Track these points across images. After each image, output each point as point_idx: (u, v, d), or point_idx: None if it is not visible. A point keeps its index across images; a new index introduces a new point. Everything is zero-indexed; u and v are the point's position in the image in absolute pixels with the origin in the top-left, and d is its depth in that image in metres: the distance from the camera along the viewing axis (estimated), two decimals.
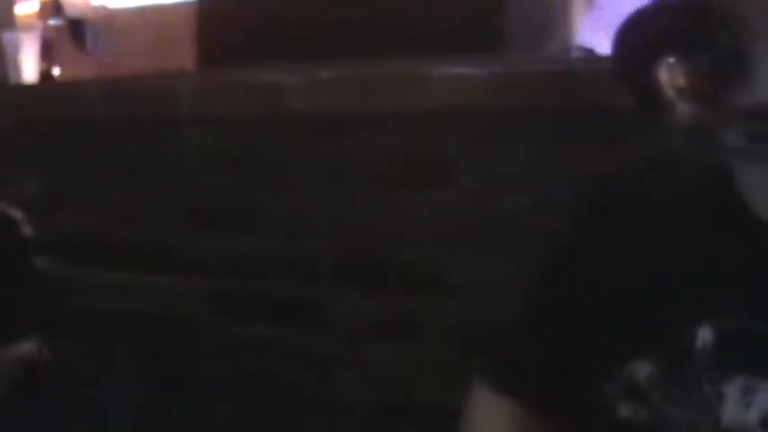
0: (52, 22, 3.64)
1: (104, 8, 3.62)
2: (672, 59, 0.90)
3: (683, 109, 0.89)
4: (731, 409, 0.93)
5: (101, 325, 2.83)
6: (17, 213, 2.32)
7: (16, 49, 3.36)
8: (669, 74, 0.90)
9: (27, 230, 2.32)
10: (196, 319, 2.77)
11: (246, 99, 2.70)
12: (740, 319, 0.94)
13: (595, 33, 2.58)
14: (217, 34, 2.91)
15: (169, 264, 2.82)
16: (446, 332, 2.43)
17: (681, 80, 0.90)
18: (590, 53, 2.32)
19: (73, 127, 2.94)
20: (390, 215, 2.51)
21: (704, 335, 0.95)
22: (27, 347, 2.25)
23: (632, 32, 0.92)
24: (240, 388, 2.71)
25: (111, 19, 3.50)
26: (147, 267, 2.85)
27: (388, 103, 2.47)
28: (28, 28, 3.54)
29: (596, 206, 1.12)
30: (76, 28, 3.54)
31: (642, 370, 0.99)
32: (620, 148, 1.16)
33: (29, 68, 3.44)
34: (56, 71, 3.63)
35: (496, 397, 1.17)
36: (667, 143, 1.03)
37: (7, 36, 3.35)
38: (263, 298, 2.71)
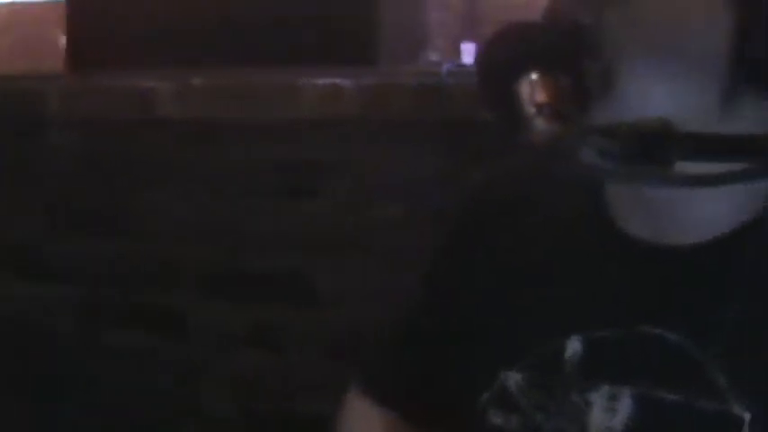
0: None
1: None
2: (533, 76, 0.91)
3: (541, 126, 0.90)
4: (597, 417, 0.95)
5: None
6: None
7: None
8: (530, 90, 0.91)
9: None
10: (61, 326, 2.72)
11: (116, 103, 2.66)
12: (607, 331, 0.96)
13: (472, 50, 2.61)
14: (88, 37, 2.85)
15: (34, 269, 2.76)
16: (316, 341, 2.43)
17: (541, 97, 0.91)
18: (462, 68, 2.34)
19: None
20: (261, 224, 2.49)
21: (573, 345, 0.97)
22: None
23: (496, 47, 0.92)
24: (107, 397, 2.66)
25: None
26: (9, 272, 2.79)
27: (260, 112, 2.45)
28: None
29: (473, 217, 1.13)
30: None
31: (513, 378, 1.00)
32: (490, 162, 1.17)
33: None
34: None
35: (369, 405, 1.17)
36: (527, 161, 1.04)
37: None
38: (130, 306, 2.67)
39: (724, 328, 0.89)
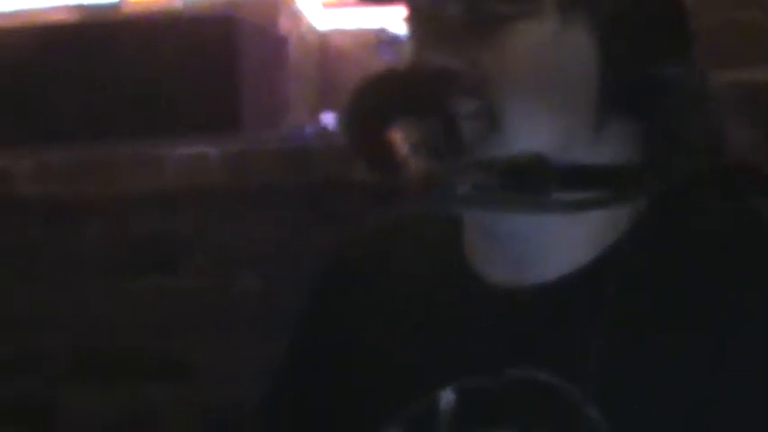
0: None
1: None
2: (406, 120, 0.93)
3: (417, 165, 0.91)
4: None
5: None
6: None
7: None
8: (404, 133, 0.92)
9: None
10: None
11: None
12: (479, 378, 0.96)
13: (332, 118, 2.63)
14: None
15: None
16: (190, 418, 2.39)
17: (414, 138, 0.92)
18: (324, 130, 2.36)
19: None
20: (126, 302, 2.45)
21: (447, 396, 0.97)
22: None
23: (367, 95, 0.93)
24: None
25: None
26: None
27: (123, 185, 2.42)
28: None
29: (338, 276, 1.13)
30: None
31: None
32: (356, 221, 1.18)
33: None
34: None
35: None
36: (404, 207, 1.05)
37: None
38: None
39: (591, 361, 0.91)
